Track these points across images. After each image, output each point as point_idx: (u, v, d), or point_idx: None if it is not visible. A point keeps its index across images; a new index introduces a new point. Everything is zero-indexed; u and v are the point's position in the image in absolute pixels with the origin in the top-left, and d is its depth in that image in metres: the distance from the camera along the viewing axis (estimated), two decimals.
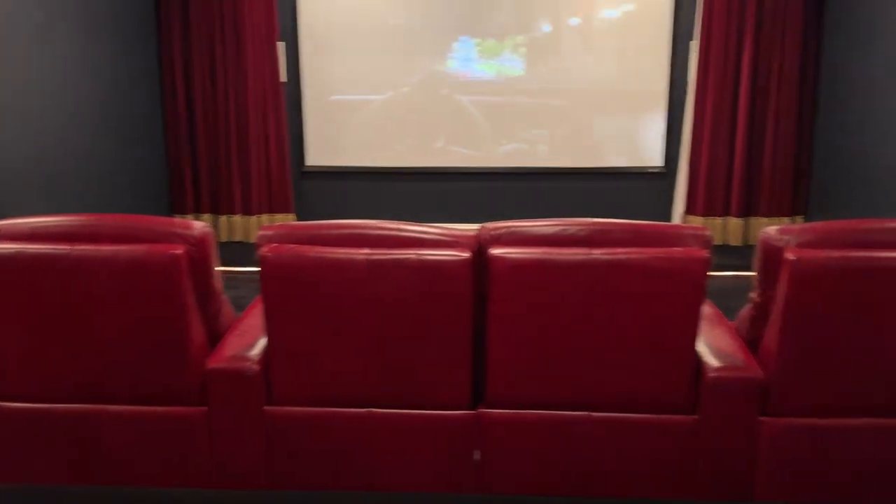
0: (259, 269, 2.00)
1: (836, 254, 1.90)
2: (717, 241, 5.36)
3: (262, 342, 2.11)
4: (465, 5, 5.31)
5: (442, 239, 2.04)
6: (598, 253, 1.95)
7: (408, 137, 5.52)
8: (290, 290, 1.99)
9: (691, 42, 5.22)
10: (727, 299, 3.83)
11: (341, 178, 5.60)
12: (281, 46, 5.28)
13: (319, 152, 5.55)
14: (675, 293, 1.96)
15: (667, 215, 5.53)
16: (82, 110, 4.29)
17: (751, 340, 2.13)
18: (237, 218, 5.46)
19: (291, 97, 5.42)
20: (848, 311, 1.92)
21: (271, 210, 5.47)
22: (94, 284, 1.99)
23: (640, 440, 2.06)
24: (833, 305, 1.92)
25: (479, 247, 2.04)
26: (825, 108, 5.06)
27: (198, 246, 2.01)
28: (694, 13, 5.16)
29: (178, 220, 2.06)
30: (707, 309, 2.34)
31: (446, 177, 5.56)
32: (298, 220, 5.53)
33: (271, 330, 2.03)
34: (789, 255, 1.90)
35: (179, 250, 1.96)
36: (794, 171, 5.26)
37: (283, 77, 5.33)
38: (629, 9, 5.25)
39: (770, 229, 2.01)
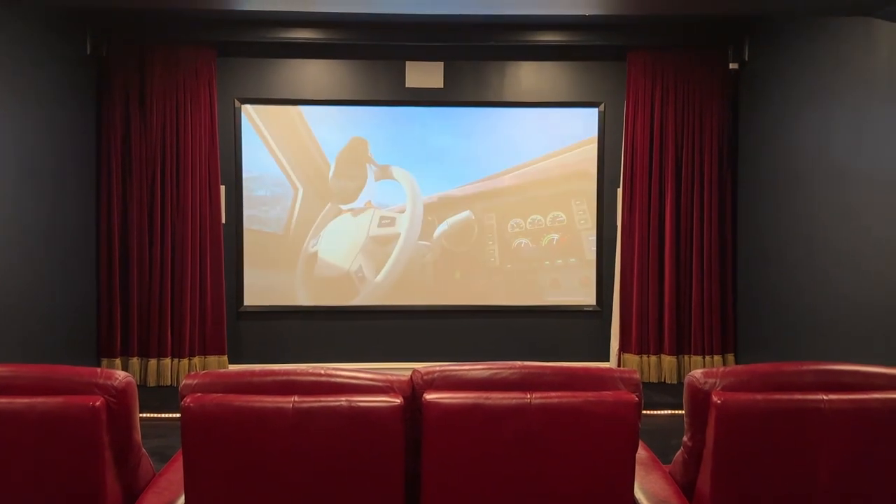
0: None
1: (760, 396, 1.95)
2: (653, 378, 5.43)
3: (181, 500, 1.99)
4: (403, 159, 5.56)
5: (374, 384, 2.01)
6: (531, 397, 1.96)
7: (347, 277, 5.56)
8: (212, 442, 1.91)
9: (617, 189, 5.53)
10: (666, 437, 3.83)
11: (279, 317, 5.55)
12: (223, 189, 5.37)
13: (258, 292, 5.52)
14: (608, 437, 1.96)
15: (603, 352, 5.61)
16: (11, 250, 4.17)
17: (685, 485, 2.12)
18: (167, 361, 5.28)
19: (231, 237, 5.44)
20: (776, 452, 1.95)
21: (204, 352, 5.33)
22: (7, 439, 1.89)
23: None
24: (761, 447, 1.94)
25: (413, 391, 2.02)
26: (743, 252, 5.35)
27: (118, 397, 1.93)
28: (620, 161, 5.50)
29: (99, 370, 1.99)
30: (642, 453, 2.34)
31: (389, 315, 5.58)
32: (231, 361, 5.41)
33: (190, 486, 1.92)
34: (715, 399, 1.94)
35: (98, 402, 1.88)
36: (720, 310, 5.45)
37: (224, 219, 5.38)
38: (560, 158, 5.57)
39: (696, 373, 2.06)
